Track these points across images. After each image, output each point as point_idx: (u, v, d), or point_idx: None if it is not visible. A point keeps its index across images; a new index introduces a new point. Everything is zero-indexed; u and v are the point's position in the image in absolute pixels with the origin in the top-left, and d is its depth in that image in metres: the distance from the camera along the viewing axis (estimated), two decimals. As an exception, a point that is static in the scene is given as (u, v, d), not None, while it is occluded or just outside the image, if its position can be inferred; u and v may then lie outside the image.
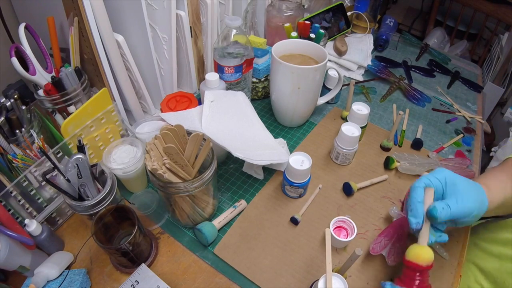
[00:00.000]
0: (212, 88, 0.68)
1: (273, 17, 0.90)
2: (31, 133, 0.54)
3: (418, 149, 0.75)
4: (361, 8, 1.07)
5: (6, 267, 0.46)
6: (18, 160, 0.51)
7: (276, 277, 0.53)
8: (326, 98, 0.80)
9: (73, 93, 0.59)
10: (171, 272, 0.54)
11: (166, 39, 0.71)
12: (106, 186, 0.51)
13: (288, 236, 0.58)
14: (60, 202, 0.57)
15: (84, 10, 0.54)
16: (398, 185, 0.67)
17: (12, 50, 0.53)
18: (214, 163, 0.51)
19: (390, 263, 0.53)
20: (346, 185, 0.65)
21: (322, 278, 0.44)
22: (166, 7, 0.66)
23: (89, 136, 0.60)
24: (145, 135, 0.62)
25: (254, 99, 0.87)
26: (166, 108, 0.65)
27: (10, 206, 0.51)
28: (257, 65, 0.80)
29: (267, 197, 0.64)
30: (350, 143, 0.66)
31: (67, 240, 0.58)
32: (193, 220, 0.57)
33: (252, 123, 0.68)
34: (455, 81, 1.01)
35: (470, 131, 0.83)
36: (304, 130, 0.80)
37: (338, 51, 0.98)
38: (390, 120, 0.85)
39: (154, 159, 0.48)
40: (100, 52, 0.59)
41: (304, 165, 0.59)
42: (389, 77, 0.95)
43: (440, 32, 1.72)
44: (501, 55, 1.44)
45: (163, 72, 0.77)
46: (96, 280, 0.53)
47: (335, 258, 0.56)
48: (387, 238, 0.55)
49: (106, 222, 0.50)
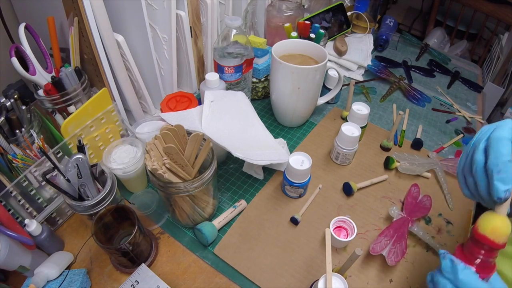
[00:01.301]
0: (212, 88, 0.68)
1: (273, 17, 0.90)
2: (31, 133, 0.54)
3: (418, 149, 0.75)
4: (361, 8, 1.07)
5: (6, 267, 0.46)
6: (18, 160, 0.51)
7: (276, 277, 0.53)
8: (326, 98, 0.80)
9: (73, 93, 0.59)
10: (171, 272, 0.54)
11: (166, 39, 0.71)
12: (106, 186, 0.51)
13: (288, 236, 0.58)
14: (60, 202, 0.57)
15: (84, 10, 0.54)
16: (398, 185, 0.67)
17: (12, 50, 0.53)
18: (214, 163, 0.51)
19: (390, 263, 0.53)
20: (346, 185, 0.65)
21: (322, 278, 0.44)
22: (166, 7, 0.66)
23: (89, 136, 0.60)
24: (145, 135, 0.62)
25: (254, 99, 0.87)
26: (166, 108, 0.65)
27: (10, 206, 0.51)
28: (257, 65, 0.80)
29: (267, 197, 0.64)
30: (350, 143, 0.66)
31: (67, 240, 0.58)
32: (193, 220, 0.57)
33: (252, 123, 0.68)
34: (455, 81, 1.01)
35: (470, 131, 0.83)
36: (304, 130, 0.80)
37: (338, 51, 0.98)
38: (390, 120, 0.85)
39: (154, 159, 0.48)
40: (100, 52, 0.59)
41: (304, 165, 0.59)
42: (389, 77, 0.95)
43: (440, 32, 1.72)
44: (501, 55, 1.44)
45: (163, 72, 0.77)
46: (96, 280, 0.53)
47: (335, 258, 0.56)
48: (387, 238, 0.55)
49: (106, 222, 0.50)
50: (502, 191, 0.34)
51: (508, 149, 0.34)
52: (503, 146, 0.34)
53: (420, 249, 0.58)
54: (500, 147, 0.34)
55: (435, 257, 0.57)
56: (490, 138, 0.36)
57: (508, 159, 0.34)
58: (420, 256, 0.57)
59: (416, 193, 0.63)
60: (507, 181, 0.33)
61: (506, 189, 0.33)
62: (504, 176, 0.33)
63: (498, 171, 0.34)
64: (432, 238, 0.57)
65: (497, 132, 0.35)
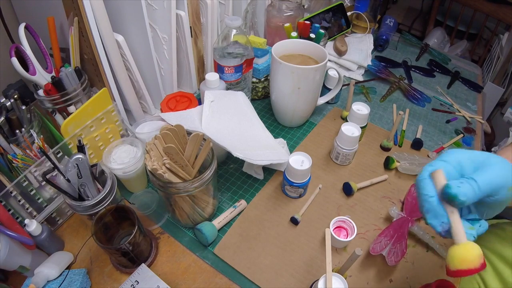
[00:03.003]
0: (212, 88, 0.68)
1: (273, 17, 0.90)
2: (31, 133, 0.54)
3: (418, 149, 0.75)
4: (361, 8, 1.07)
5: (6, 267, 0.46)
6: (18, 160, 0.51)
7: (276, 277, 0.53)
8: (326, 98, 0.80)
9: (73, 93, 0.59)
10: (171, 272, 0.54)
11: (166, 39, 0.71)
12: (106, 186, 0.51)
13: (288, 236, 0.58)
14: (60, 202, 0.57)
15: (84, 10, 0.54)
16: (398, 185, 0.67)
17: (12, 50, 0.53)
18: (214, 163, 0.51)
19: (390, 263, 0.53)
20: (346, 185, 0.65)
21: (322, 278, 0.44)
22: (166, 7, 0.66)
23: (89, 136, 0.60)
24: (145, 135, 0.62)
25: (254, 99, 0.87)
26: (166, 108, 0.65)
27: (10, 206, 0.51)
28: (257, 65, 0.80)
29: (267, 197, 0.64)
30: (350, 143, 0.66)
31: (67, 240, 0.58)
32: (193, 220, 0.57)
33: (252, 123, 0.68)
34: (455, 81, 1.01)
35: (470, 131, 0.83)
36: (304, 130, 0.80)
37: (338, 51, 0.98)
38: (390, 120, 0.85)
39: (154, 159, 0.48)
40: (100, 52, 0.59)
41: (304, 165, 0.59)
42: (389, 77, 0.95)
43: (440, 32, 1.72)
44: (501, 55, 1.44)
45: (163, 72, 0.77)
46: (96, 280, 0.53)
47: (335, 258, 0.56)
48: (387, 238, 0.55)
49: (106, 222, 0.50)
50: (438, 226, 0.35)
51: (427, 189, 0.35)
52: (423, 187, 0.36)
53: (420, 249, 0.58)
54: (421, 188, 0.36)
55: (435, 257, 0.57)
56: (416, 182, 0.38)
57: (430, 195, 0.35)
58: (420, 256, 0.57)
59: (416, 193, 0.63)
60: (437, 215, 0.35)
61: (440, 223, 0.35)
62: (432, 212, 0.35)
63: (426, 211, 0.35)
64: (432, 238, 0.57)
65: (419, 175, 0.37)
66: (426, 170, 0.37)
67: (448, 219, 0.34)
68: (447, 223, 0.34)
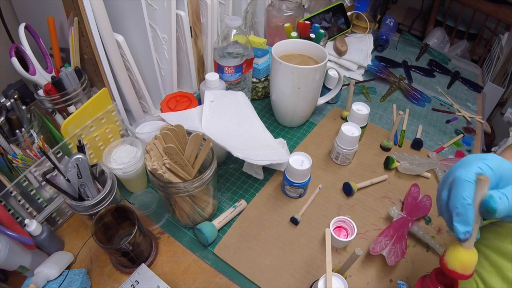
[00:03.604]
0: (212, 88, 0.68)
1: (273, 17, 0.90)
2: (31, 133, 0.54)
3: (418, 149, 0.75)
4: (361, 8, 1.07)
5: (6, 267, 0.46)
6: (18, 160, 0.51)
7: (276, 277, 0.53)
8: (326, 98, 0.80)
9: (73, 93, 0.59)
10: (171, 272, 0.54)
11: (166, 39, 0.71)
12: (106, 186, 0.51)
13: (288, 236, 0.58)
14: (60, 202, 0.57)
15: (84, 10, 0.54)
16: (398, 185, 0.67)
17: (12, 50, 0.53)
18: (214, 163, 0.51)
19: (390, 263, 0.53)
20: (346, 185, 0.65)
21: (322, 278, 0.44)
22: (166, 7, 0.66)
23: (89, 136, 0.60)
24: (145, 135, 0.62)
25: (254, 99, 0.87)
26: (166, 108, 0.65)
27: (10, 206, 0.51)
28: (257, 65, 0.80)
29: (267, 197, 0.64)
30: (350, 143, 0.66)
31: (67, 240, 0.58)
32: (193, 220, 0.57)
33: (252, 123, 0.68)
34: (455, 81, 1.01)
35: (470, 131, 0.83)
36: (304, 130, 0.80)
37: (338, 51, 0.98)
38: (390, 120, 0.85)
39: (154, 159, 0.48)
40: (100, 52, 0.59)
41: (304, 165, 0.59)
42: (389, 77, 0.95)
43: (440, 32, 1.71)
44: (501, 55, 1.44)
45: (163, 72, 0.77)
46: (96, 280, 0.53)
47: (335, 258, 0.56)
48: (387, 238, 0.55)
49: (106, 222, 0.50)
50: (461, 233, 0.34)
51: (469, 193, 0.33)
52: (464, 190, 0.33)
53: (420, 249, 0.58)
54: (461, 190, 0.34)
55: (435, 257, 0.57)
56: (454, 177, 0.35)
57: (469, 202, 0.33)
58: (420, 256, 0.57)
59: (416, 193, 0.63)
60: (466, 223, 0.33)
61: (465, 231, 0.34)
62: (463, 218, 0.33)
63: (457, 213, 0.34)
64: (432, 238, 0.57)
65: (460, 172, 0.35)
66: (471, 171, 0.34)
67: (472, 230, 0.33)
68: (470, 232, 0.33)
